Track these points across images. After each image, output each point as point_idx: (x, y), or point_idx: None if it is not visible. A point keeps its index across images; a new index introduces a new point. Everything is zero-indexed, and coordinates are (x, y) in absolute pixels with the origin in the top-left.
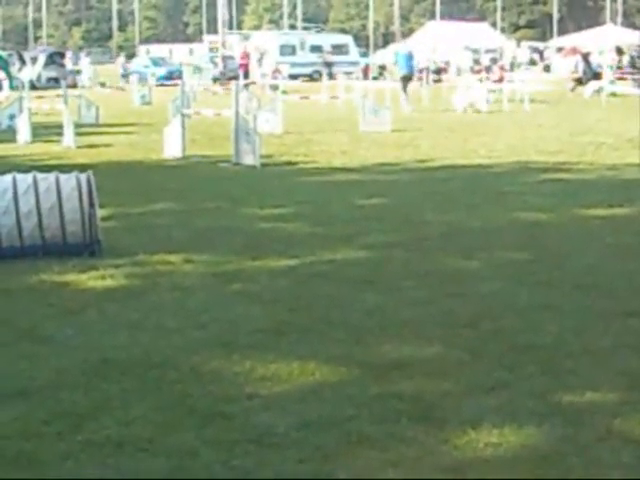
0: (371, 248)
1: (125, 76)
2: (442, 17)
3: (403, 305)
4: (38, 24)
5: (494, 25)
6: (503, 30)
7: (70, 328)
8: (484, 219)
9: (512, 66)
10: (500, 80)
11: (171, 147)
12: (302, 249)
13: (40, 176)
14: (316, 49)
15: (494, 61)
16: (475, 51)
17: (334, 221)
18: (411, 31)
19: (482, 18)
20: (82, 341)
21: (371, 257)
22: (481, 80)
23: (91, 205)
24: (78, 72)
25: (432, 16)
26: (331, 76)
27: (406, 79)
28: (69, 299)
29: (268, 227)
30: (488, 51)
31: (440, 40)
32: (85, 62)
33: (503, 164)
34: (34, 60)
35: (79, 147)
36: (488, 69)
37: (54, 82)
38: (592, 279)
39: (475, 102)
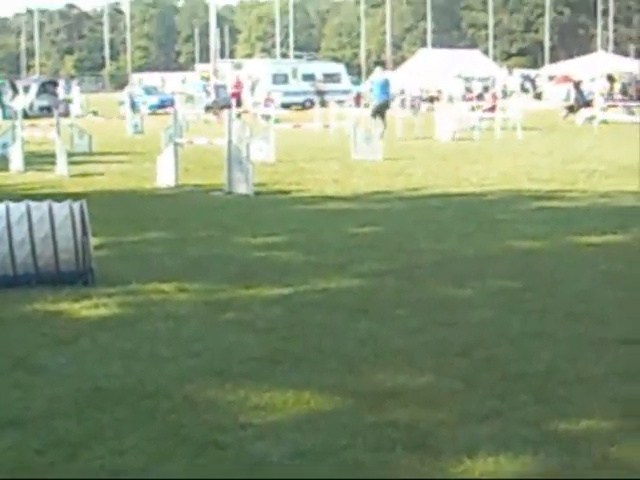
0: (364, 276)
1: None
2: (434, 45)
3: (396, 333)
4: (31, 53)
5: (486, 53)
6: (495, 58)
7: (63, 357)
8: (477, 247)
9: (504, 94)
10: (492, 108)
11: (164, 176)
12: (295, 277)
13: (33, 205)
14: (308, 77)
15: (486, 89)
16: (467, 79)
17: (327, 249)
18: (403, 59)
19: (474, 46)
20: (75, 370)
21: (364, 285)
22: (473, 108)
23: (84, 234)
24: (70, 101)
25: (424, 44)
26: (323, 104)
27: (383, 107)
28: (62, 328)
29: (261, 256)
30: (480, 79)
31: (432, 68)
32: (76, 91)
33: (495, 192)
34: (27, 89)
35: (72, 176)
36: (480, 97)
37: (47, 111)
38: (585, 307)
39: (460, 129)
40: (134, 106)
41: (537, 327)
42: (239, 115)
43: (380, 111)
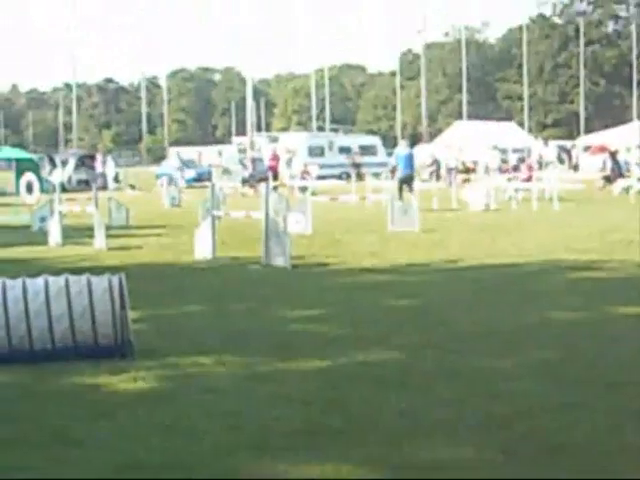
0: (403, 349)
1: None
2: (469, 117)
3: (435, 406)
4: (69, 127)
5: (521, 124)
6: (530, 129)
7: (101, 431)
8: (515, 318)
9: (540, 165)
10: (528, 179)
11: (201, 249)
12: (334, 350)
13: (72, 278)
14: (344, 150)
15: (522, 160)
16: (503, 150)
17: (365, 322)
18: (439, 131)
19: (509, 117)
20: (113, 444)
21: (403, 358)
22: (509, 179)
23: (123, 307)
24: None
25: (459, 116)
26: (360, 177)
27: (407, 180)
28: (100, 401)
29: (299, 328)
30: (515, 150)
31: (468, 140)
32: (110, 165)
33: (533, 263)
34: (65, 163)
35: (110, 249)
36: (516, 168)
37: (85, 184)
38: (625, 377)
39: (496, 200)
40: (171, 179)
41: (577, 398)
42: (276, 188)
43: (406, 183)
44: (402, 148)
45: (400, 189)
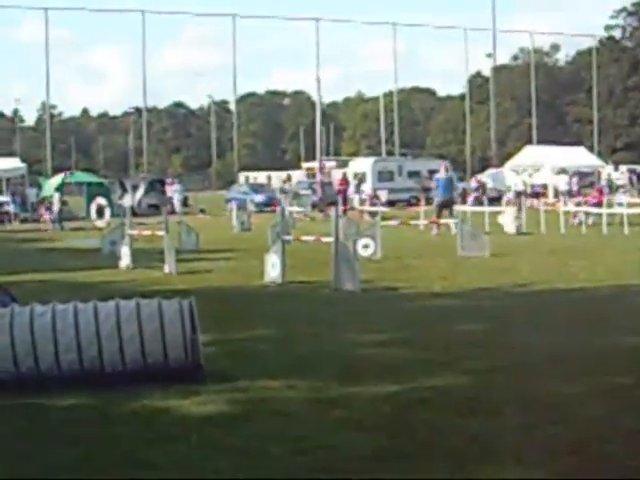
0: (472, 373)
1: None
2: (538, 141)
3: (505, 431)
4: (139, 152)
5: (591, 148)
6: (600, 153)
7: (172, 453)
8: (586, 343)
9: (610, 189)
10: (599, 203)
11: (271, 273)
12: (403, 375)
13: (143, 302)
14: (414, 174)
15: (592, 184)
16: (572, 174)
17: (435, 346)
18: (509, 155)
19: (578, 141)
20: (184, 467)
21: (472, 382)
22: (579, 203)
23: (193, 331)
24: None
25: (529, 140)
26: (429, 201)
27: (447, 204)
28: (171, 424)
29: (369, 353)
30: (585, 174)
31: (537, 164)
32: (177, 189)
33: (604, 287)
34: (135, 187)
35: (180, 273)
36: (579, 192)
37: (154, 209)
38: None
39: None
40: (241, 204)
41: None
42: (345, 212)
43: (445, 206)
44: (442, 172)
45: (439, 214)
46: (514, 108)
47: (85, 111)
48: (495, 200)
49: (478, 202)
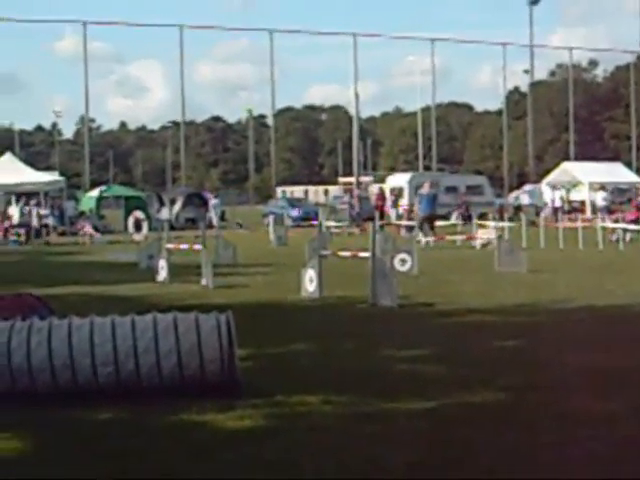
0: (508, 390)
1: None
2: (576, 157)
3: (539, 447)
4: (176, 166)
5: (628, 164)
6: (638, 170)
7: (207, 468)
8: (622, 360)
9: None
10: (636, 220)
11: (308, 287)
12: (439, 391)
13: (180, 316)
14: (451, 190)
15: (629, 200)
16: (610, 191)
17: (471, 363)
18: (546, 171)
19: (616, 157)
20: None
21: (508, 399)
22: (617, 220)
23: (230, 345)
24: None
25: (566, 156)
26: (466, 217)
27: (428, 219)
28: (207, 439)
29: (406, 368)
30: (623, 190)
31: (574, 180)
32: (213, 204)
33: None
34: (173, 201)
35: (217, 287)
36: (608, 209)
37: (192, 222)
38: None
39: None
40: (278, 218)
41: None
42: (382, 227)
43: (427, 222)
44: (426, 188)
45: (421, 227)
46: (552, 124)
47: (123, 124)
48: (482, 216)
49: (462, 218)
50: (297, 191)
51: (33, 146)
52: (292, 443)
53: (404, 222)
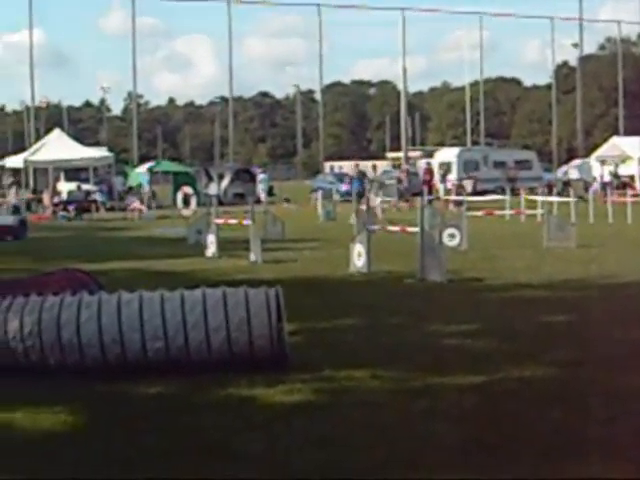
0: (558, 365)
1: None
2: (625, 131)
3: (590, 423)
4: (225, 141)
5: None
6: None
7: (258, 442)
8: None
9: None
10: None
11: (356, 262)
12: (489, 366)
13: (229, 290)
14: (499, 165)
15: None
16: None
17: (520, 338)
18: (595, 146)
19: None
20: (270, 456)
21: (558, 374)
22: None
23: (279, 320)
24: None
25: (615, 131)
26: (514, 192)
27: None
28: (257, 413)
29: (454, 343)
30: None
31: (623, 155)
32: (260, 179)
33: None
34: (221, 176)
35: (265, 262)
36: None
37: (240, 198)
38: None
39: None
40: (326, 193)
41: None
42: (431, 202)
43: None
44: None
45: None
46: (601, 98)
47: (171, 100)
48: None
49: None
50: (345, 166)
51: (81, 122)
52: (342, 418)
53: (452, 197)
